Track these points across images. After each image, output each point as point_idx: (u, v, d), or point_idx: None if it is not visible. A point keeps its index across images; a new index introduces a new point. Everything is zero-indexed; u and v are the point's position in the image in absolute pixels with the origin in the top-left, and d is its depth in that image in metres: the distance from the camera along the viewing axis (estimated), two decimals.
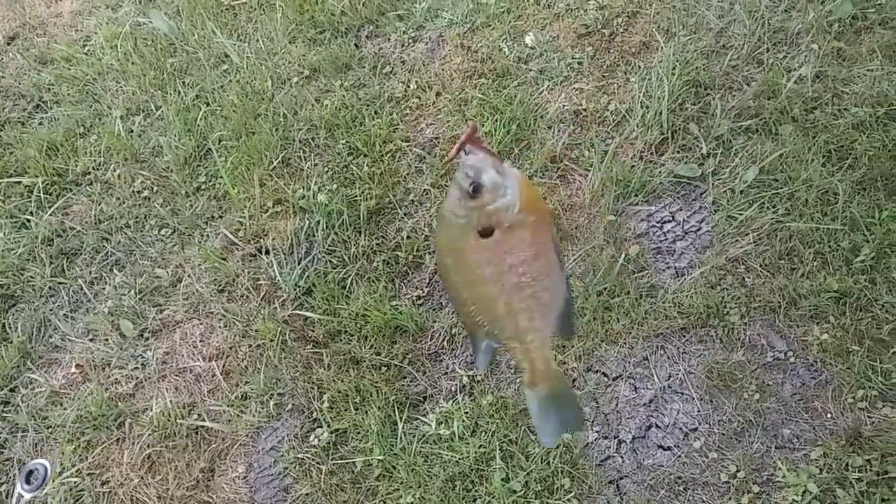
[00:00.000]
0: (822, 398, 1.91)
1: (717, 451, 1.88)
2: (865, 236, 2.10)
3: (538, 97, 2.71)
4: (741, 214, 2.23)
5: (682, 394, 2.00)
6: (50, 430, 2.27)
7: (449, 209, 0.96)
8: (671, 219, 2.32)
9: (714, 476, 1.85)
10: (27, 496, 1.37)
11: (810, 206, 2.20)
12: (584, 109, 2.63)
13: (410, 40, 3.09)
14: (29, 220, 2.78)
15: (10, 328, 2.50)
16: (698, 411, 1.96)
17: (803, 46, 2.59)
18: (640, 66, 2.70)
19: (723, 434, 1.90)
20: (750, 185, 2.28)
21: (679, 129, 2.48)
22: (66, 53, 3.42)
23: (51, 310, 2.54)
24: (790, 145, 2.33)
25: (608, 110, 2.60)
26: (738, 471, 1.83)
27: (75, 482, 2.13)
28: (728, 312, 2.08)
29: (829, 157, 2.30)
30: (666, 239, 2.28)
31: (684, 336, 2.08)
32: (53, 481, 2.12)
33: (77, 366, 2.38)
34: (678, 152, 2.44)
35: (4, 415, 2.32)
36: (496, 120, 2.62)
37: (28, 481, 1.42)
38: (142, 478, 2.13)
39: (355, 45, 3.13)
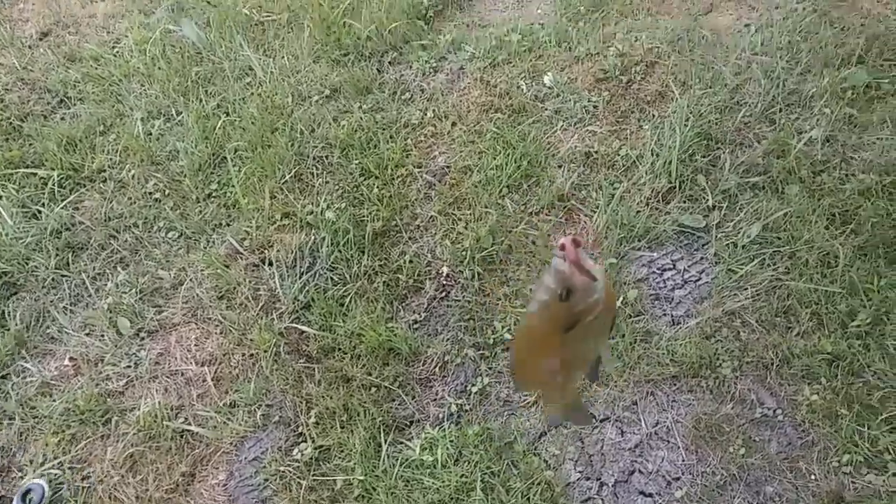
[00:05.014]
0: (807, 459, 1.90)
1: (698, 502, 1.87)
2: (863, 301, 2.11)
3: (551, 136, 2.76)
4: (741, 269, 2.25)
5: (668, 441, 1.99)
6: (36, 419, 2.27)
7: (537, 309, 1.01)
8: (672, 267, 2.34)
9: None
10: None
11: (811, 266, 2.22)
12: (596, 152, 2.67)
13: (432, 70, 3.15)
14: (40, 212, 2.82)
15: (9, 316, 2.52)
16: (683, 461, 1.95)
17: (816, 110, 2.63)
18: (654, 115, 2.75)
19: (705, 486, 1.89)
20: (752, 241, 2.30)
21: (687, 179, 2.51)
22: (96, 53, 3.50)
23: (51, 301, 2.56)
24: (795, 205, 2.35)
25: (619, 155, 2.64)
26: None
27: (56, 474, 2.13)
28: (720, 364, 2.08)
29: (832, 220, 2.32)
30: (665, 286, 2.29)
31: (675, 384, 2.09)
32: (34, 472, 2.13)
33: (71, 359, 2.40)
34: (684, 202, 2.47)
35: None
36: (508, 154, 2.66)
37: (24, 501, 1.41)
38: (122, 476, 2.12)
39: (377, 69, 3.20)
